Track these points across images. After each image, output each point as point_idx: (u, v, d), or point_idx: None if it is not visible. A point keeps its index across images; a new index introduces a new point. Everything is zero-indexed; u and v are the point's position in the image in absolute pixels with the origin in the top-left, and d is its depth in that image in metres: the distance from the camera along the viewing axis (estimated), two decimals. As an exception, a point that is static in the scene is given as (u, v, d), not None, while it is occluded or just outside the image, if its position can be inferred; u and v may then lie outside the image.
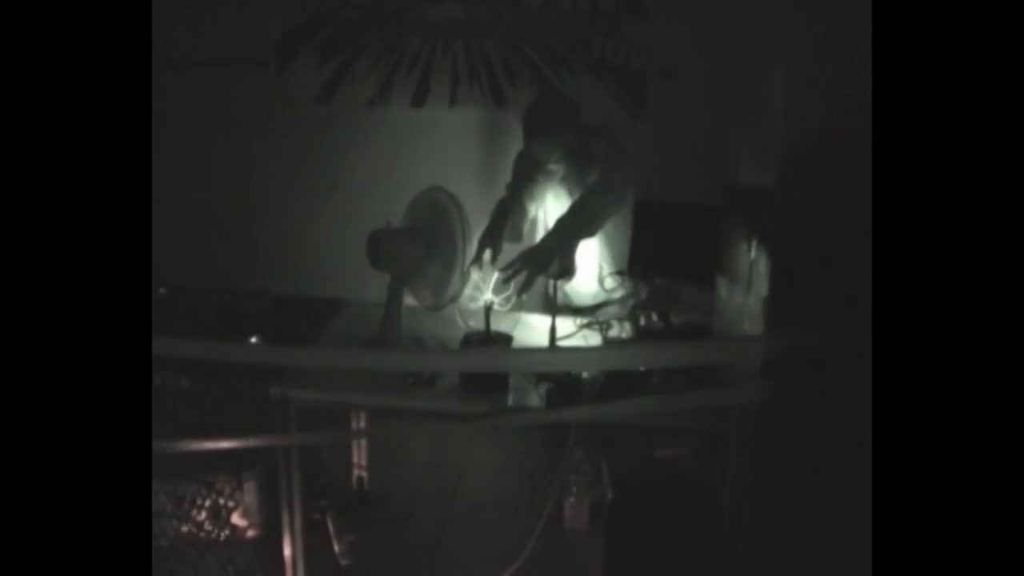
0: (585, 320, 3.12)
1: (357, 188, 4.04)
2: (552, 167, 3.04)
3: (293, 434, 2.66)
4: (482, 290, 2.65)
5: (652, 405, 2.40)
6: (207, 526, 3.01)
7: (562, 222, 2.91)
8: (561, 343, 2.89)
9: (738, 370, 2.26)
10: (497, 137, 4.02)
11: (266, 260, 3.98)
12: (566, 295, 3.26)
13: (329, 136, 4.07)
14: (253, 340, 2.88)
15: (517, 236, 3.06)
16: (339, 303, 3.35)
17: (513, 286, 2.67)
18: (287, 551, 2.84)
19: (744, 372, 2.16)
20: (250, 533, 3.16)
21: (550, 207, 3.17)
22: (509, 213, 3.02)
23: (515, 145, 3.25)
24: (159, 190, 3.75)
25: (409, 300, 2.91)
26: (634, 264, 2.84)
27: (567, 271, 2.91)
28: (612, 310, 3.16)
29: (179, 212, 3.91)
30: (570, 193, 3.10)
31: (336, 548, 3.18)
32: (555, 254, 2.83)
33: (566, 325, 3.05)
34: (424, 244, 2.83)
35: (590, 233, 2.98)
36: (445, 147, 4.03)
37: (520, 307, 2.70)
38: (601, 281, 3.03)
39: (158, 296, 3.26)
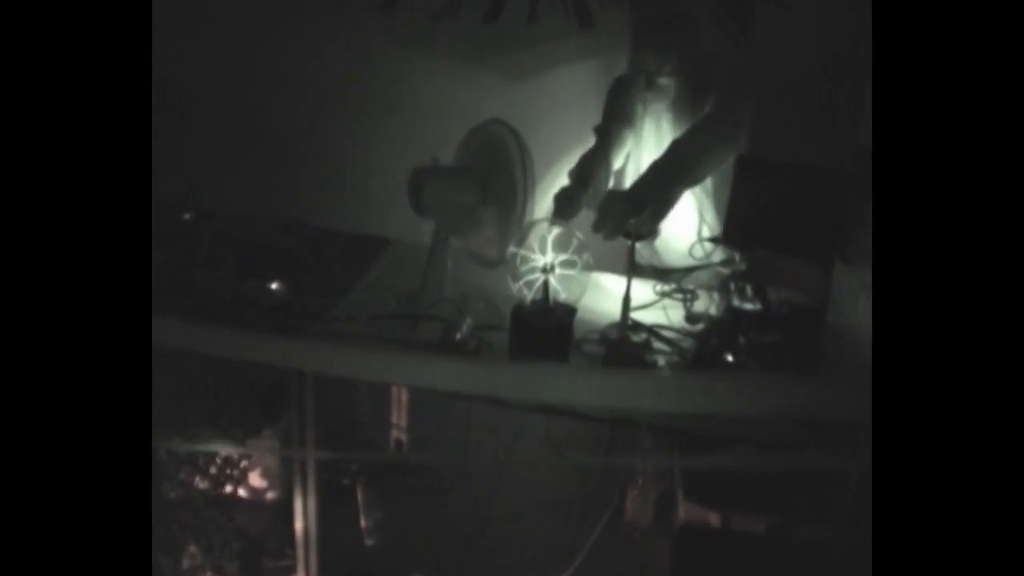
0: (667, 287, 2.64)
1: (417, 113, 3.55)
2: (663, 81, 2.63)
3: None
4: (542, 249, 2.17)
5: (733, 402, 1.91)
6: (216, 486, 2.67)
7: (661, 162, 2.47)
8: (637, 313, 2.43)
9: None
10: (581, 65, 3.49)
11: (309, 189, 3.53)
12: (655, 252, 2.78)
13: (390, 50, 3.57)
14: (274, 286, 2.48)
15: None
16: (384, 243, 2.93)
17: (576, 244, 2.19)
18: (298, 523, 2.47)
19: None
20: (269, 496, 2.82)
21: (649, 146, 2.68)
22: (595, 163, 2.56)
23: (601, 77, 2.76)
24: (195, 104, 3.44)
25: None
26: (732, 229, 2.33)
27: (652, 231, 2.42)
28: (702, 276, 2.67)
29: (215, 130, 3.49)
30: (676, 124, 2.64)
31: (362, 523, 2.82)
32: (646, 204, 2.36)
33: (644, 291, 2.58)
34: (478, 187, 2.37)
35: (695, 178, 2.55)
36: (521, 72, 3.51)
37: (589, 267, 2.22)
38: (691, 248, 2.53)
39: (182, 222, 2.87)
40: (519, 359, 2.16)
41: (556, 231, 2.22)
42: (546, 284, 2.16)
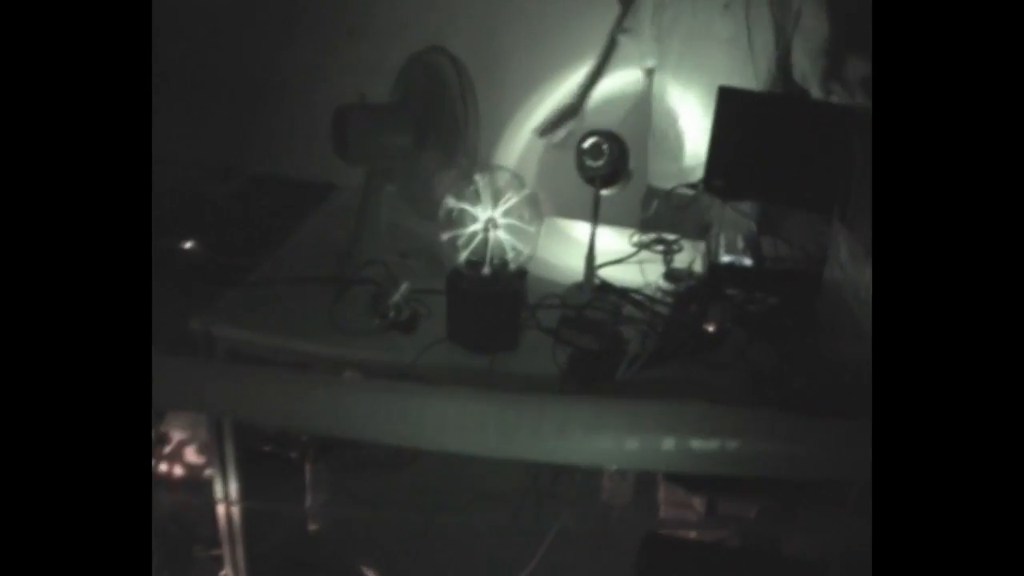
0: (645, 237, 2.28)
1: (380, 38, 3.15)
2: None
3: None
4: (486, 199, 1.80)
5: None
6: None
7: None
8: (604, 271, 2.08)
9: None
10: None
11: (252, 128, 3.15)
12: None
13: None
14: (188, 245, 2.15)
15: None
16: (329, 189, 2.58)
17: (527, 194, 1.82)
18: (219, 505, 2.17)
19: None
20: (207, 472, 2.53)
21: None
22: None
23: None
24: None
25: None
26: (714, 174, 1.95)
27: (617, 171, 2.04)
28: (685, 226, 2.31)
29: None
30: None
31: (307, 503, 2.52)
32: None
33: (619, 242, 2.23)
34: (411, 126, 2.00)
35: None
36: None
37: (539, 218, 1.85)
38: (669, 196, 2.17)
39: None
40: (457, 341, 1.82)
41: (505, 176, 1.85)
42: (487, 242, 1.80)
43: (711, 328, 1.88)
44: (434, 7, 3.13)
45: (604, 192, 2.02)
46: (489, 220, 1.80)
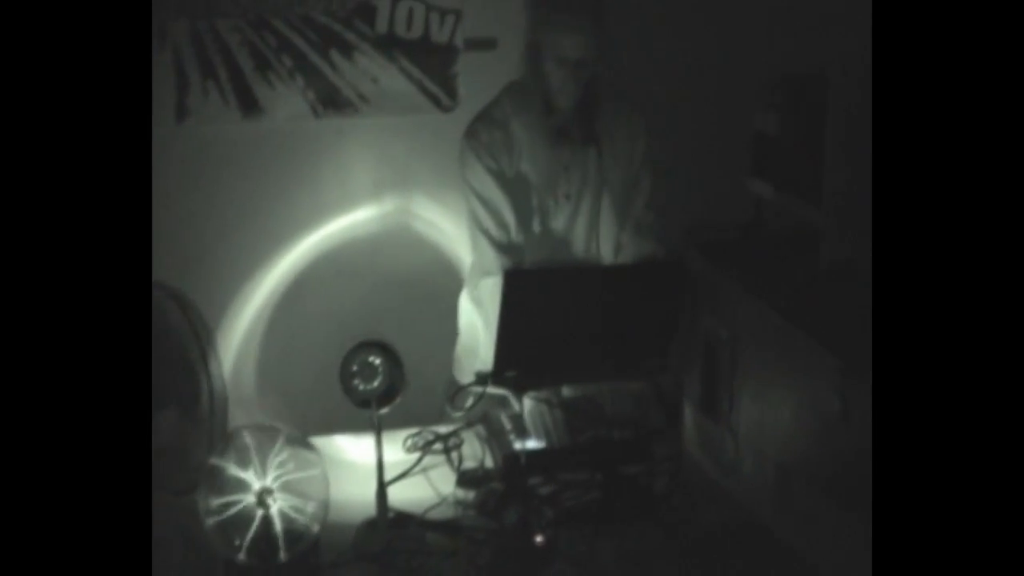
0: (419, 439, 2.02)
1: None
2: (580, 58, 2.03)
3: None
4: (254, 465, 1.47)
5: None
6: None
7: None
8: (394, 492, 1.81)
9: None
10: (262, 160, 2.82)
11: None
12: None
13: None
14: None
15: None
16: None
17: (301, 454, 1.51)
18: None
19: None
20: None
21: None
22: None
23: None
24: None
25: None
26: (504, 362, 1.76)
27: (395, 385, 1.78)
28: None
29: None
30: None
31: None
32: None
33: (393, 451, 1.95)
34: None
35: None
36: (181, 172, 2.75)
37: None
38: (446, 392, 1.95)
39: None
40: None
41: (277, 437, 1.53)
42: (267, 520, 1.47)
43: (539, 539, 1.66)
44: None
45: (383, 411, 1.75)
46: (263, 490, 1.47)
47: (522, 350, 1.77)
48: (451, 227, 2.88)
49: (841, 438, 1.47)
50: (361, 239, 2.90)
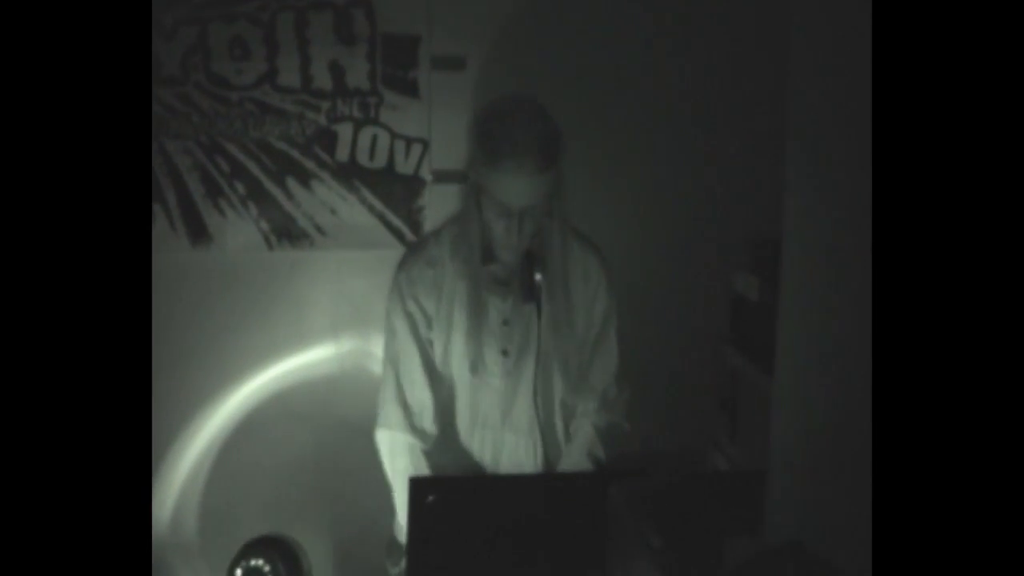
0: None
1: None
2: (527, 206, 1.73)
3: None
4: None
5: None
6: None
7: None
8: None
9: None
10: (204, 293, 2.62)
11: None
12: None
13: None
14: None
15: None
16: None
17: None
18: None
19: None
20: None
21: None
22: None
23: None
24: None
25: None
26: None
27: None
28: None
29: None
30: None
31: None
32: None
33: None
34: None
35: None
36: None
37: None
38: None
39: None
40: None
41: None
42: None
43: None
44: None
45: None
46: None
47: (436, 566, 1.48)
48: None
49: None
50: (316, 380, 2.66)
